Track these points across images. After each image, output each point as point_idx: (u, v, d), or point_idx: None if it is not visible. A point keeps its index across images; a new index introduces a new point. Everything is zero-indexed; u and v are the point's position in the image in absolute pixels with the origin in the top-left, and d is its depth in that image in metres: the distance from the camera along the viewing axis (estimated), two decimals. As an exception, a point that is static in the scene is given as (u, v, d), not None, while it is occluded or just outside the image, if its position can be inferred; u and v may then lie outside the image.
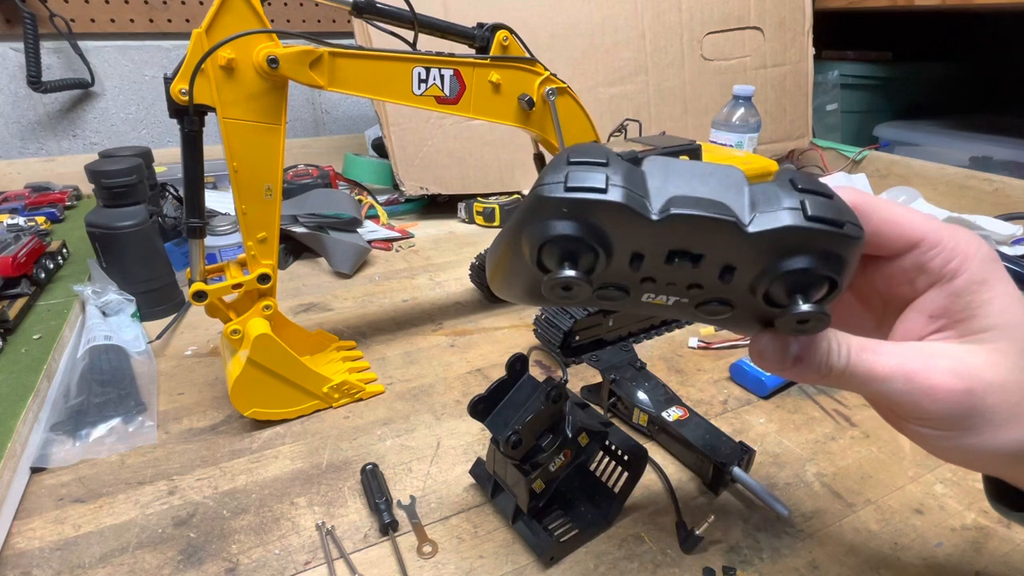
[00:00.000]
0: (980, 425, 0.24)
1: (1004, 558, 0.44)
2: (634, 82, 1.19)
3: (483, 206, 1.11)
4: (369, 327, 0.76)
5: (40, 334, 0.64)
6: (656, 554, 0.44)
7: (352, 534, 0.45)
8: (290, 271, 0.93)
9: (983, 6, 1.11)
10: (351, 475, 0.51)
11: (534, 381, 0.43)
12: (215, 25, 0.46)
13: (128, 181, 0.72)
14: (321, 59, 0.51)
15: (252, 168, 0.51)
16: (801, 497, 0.49)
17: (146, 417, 0.57)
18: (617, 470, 0.46)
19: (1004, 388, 0.23)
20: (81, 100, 1.26)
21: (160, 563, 0.43)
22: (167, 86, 0.47)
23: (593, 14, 1.13)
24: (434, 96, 0.58)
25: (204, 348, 0.70)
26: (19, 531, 0.46)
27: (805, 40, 1.32)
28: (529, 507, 0.43)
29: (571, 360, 0.67)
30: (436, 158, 1.09)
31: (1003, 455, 0.25)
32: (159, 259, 0.77)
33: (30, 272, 0.72)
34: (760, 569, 0.42)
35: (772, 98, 1.31)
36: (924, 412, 0.24)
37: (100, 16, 1.21)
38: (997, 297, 0.24)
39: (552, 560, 0.43)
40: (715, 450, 0.49)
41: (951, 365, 0.23)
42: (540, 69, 0.63)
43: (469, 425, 0.57)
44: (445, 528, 0.46)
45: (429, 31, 0.59)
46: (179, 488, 0.50)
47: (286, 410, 0.58)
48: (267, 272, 0.55)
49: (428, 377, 0.65)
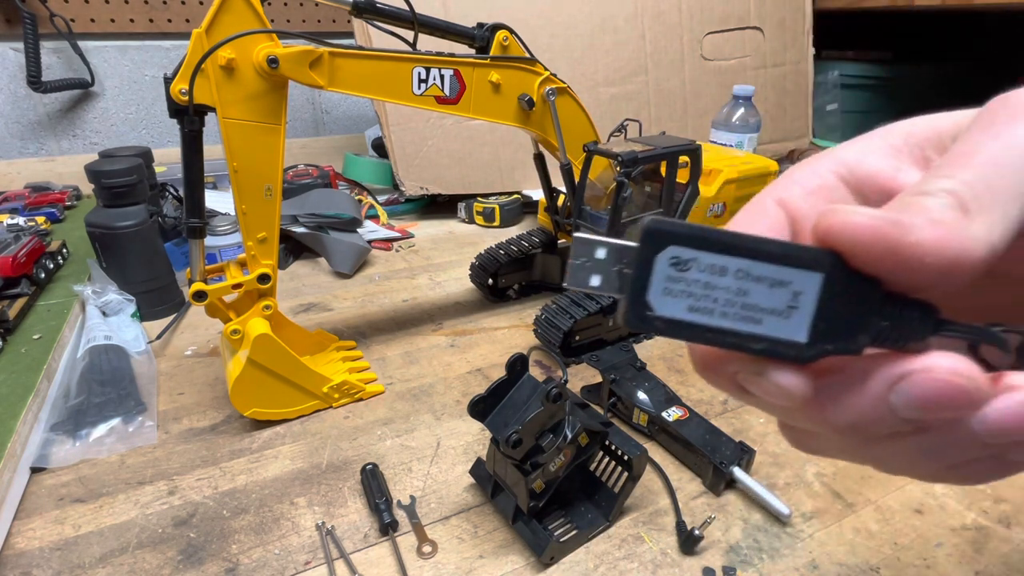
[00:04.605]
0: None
1: (1004, 558, 0.44)
2: (634, 82, 1.19)
3: (483, 206, 1.11)
4: (369, 327, 0.76)
5: (40, 334, 0.64)
6: (656, 554, 0.44)
7: (352, 534, 0.45)
8: (290, 271, 0.93)
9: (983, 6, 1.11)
10: (351, 475, 0.51)
11: (534, 381, 0.43)
12: (215, 25, 0.46)
13: (128, 181, 0.72)
14: (321, 59, 0.51)
15: (252, 168, 0.51)
16: (801, 497, 0.49)
17: (146, 417, 0.57)
18: (617, 470, 0.46)
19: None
20: (81, 100, 1.26)
21: (160, 563, 0.43)
22: (167, 86, 0.47)
23: (593, 14, 1.13)
24: (434, 96, 0.58)
25: (204, 348, 0.70)
26: (19, 531, 0.46)
27: (805, 40, 1.32)
28: (529, 507, 0.43)
29: (571, 360, 0.67)
30: (436, 158, 1.09)
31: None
32: (159, 259, 0.77)
33: (30, 272, 0.72)
34: (760, 569, 0.42)
35: (772, 98, 1.31)
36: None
37: (100, 16, 1.21)
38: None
39: (552, 560, 0.43)
40: (715, 450, 0.49)
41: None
42: (540, 69, 0.63)
43: (469, 425, 0.57)
44: (445, 528, 0.46)
45: (429, 31, 0.59)
46: (179, 488, 0.50)
47: (286, 410, 0.58)
48: (267, 272, 0.55)
49: (428, 377, 0.65)
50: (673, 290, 0.15)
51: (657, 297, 0.15)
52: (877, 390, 0.15)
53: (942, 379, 0.14)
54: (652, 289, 0.15)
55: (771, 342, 0.15)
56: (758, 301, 0.15)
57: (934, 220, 0.14)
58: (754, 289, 0.15)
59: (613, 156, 0.64)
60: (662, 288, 0.15)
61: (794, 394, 0.15)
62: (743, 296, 0.15)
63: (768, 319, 0.15)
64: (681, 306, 0.15)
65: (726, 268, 0.15)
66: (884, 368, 0.15)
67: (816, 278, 0.15)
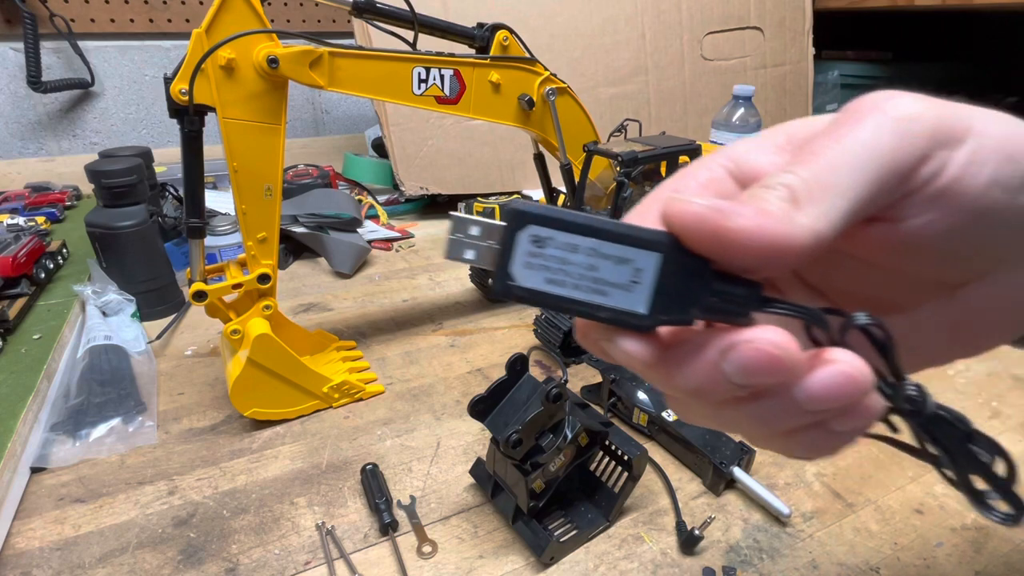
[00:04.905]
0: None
1: (1004, 558, 0.44)
2: (634, 82, 1.19)
3: (483, 206, 1.11)
4: (369, 327, 0.76)
5: (40, 334, 0.64)
6: (656, 554, 0.44)
7: (352, 534, 0.45)
8: (290, 271, 0.93)
9: (983, 6, 1.11)
10: (351, 475, 0.51)
11: (534, 381, 0.43)
12: (215, 25, 0.46)
13: (128, 181, 0.72)
14: (321, 59, 0.51)
15: (252, 168, 0.51)
16: (801, 497, 0.49)
17: (146, 417, 0.57)
18: (617, 470, 0.46)
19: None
20: (81, 100, 1.26)
21: (160, 563, 0.43)
22: (167, 86, 0.47)
23: (593, 14, 1.13)
24: (434, 96, 0.58)
25: (204, 348, 0.70)
26: (19, 531, 0.46)
27: (805, 40, 1.32)
28: (529, 507, 0.43)
29: (571, 360, 0.67)
30: (436, 158, 1.09)
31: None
32: (159, 259, 0.77)
33: (30, 272, 0.72)
34: (760, 569, 0.42)
35: (772, 98, 1.31)
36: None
37: (100, 16, 1.21)
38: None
39: (552, 560, 0.43)
40: (715, 450, 0.49)
41: None
42: (540, 69, 0.63)
43: (469, 425, 0.57)
44: (445, 528, 0.46)
45: (429, 31, 0.59)
46: (179, 488, 0.50)
47: (286, 410, 0.58)
48: (267, 272, 0.55)
49: (428, 377, 0.65)
50: (533, 264, 0.17)
51: (519, 270, 0.17)
52: (712, 357, 0.17)
53: (762, 349, 0.16)
54: (515, 263, 0.17)
55: (616, 312, 0.17)
56: (605, 276, 0.17)
57: (761, 209, 0.16)
58: (602, 265, 0.17)
59: (613, 156, 0.64)
60: (523, 262, 0.17)
61: (638, 358, 0.17)
62: (593, 271, 0.17)
63: (614, 292, 0.17)
64: (539, 278, 0.17)
65: (578, 246, 0.17)
66: (718, 338, 0.17)
67: (655, 257, 0.16)
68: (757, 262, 0.16)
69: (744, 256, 0.16)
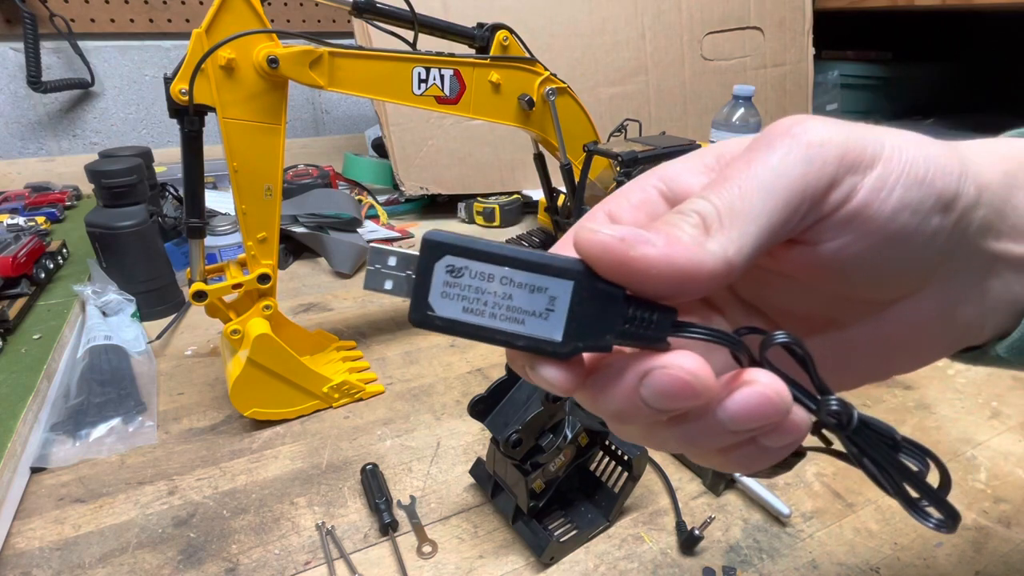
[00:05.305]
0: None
1: (1004, 558, 0.44)
2: (634, 82, 1.19)
3: (483, 206, 1.11)
4: (369, 327, 0.76)
5: (40, 334, 0.64)
6: (656, 554, 0.44)
7: (352, 534, 0.45)
8: (290, 271, 0.93)
9: (983, 6, 1.11)
10: (351, 475, 0.51)
11: (534, 381, 0.43)
12: (215, 25, 0.46)
13: (128, 181, 0.72)
14: (321, 59, 0.51)
15: (252, 168, 0.51)
16: (801, 497, 0.49)
17: (146, 417, 0.57)
18: (617, 470, 0.46)
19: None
20: (81, 100, 1.26)
21: (160, 563, 0.43)
22: (167, 86, 0.47)
23: (593, 14, 1.13)
24: (434, 96, 0.58)
25: (204, 348, 0.70)
26: (19, 531, 0.46)
27: (805, 40, 1.32)
28: (529, 507, 0.43)
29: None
30: (436, 158, 1.09)
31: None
32: (159, 259, 0.77)
33: (30, 272, 0.72)
34: (760, 569, 0.42)
35: (772, 98, 1.31)
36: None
37: (100, 16, 1.21)
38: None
39: (552, 560, 0.43)
40: (715, 450, 0.49)
41: None
42: (540, 69, 0.63)
43: (469, 425, 0.57)
44: (445, 528, 0.46)
45: (429, 31, 0.59)
46: (179, 488, 0.50)
47: (286, 410, 0.58)
48: (267, 272, 0.55)
49: (428, 377, 0.65)
50: (450, 293, 0.17)
51: (436, 299, 0.17)
52: (630, 382, 0.16)
53: (675, 376, 0.16)
54: (432, 292, 0.17)
55: (532, 340, 0.17)
56: (521, 304, 0.17)
57: (672, 237, 0.16)
58: (517, 294, 0.17)
59: (613, 156, 0.64)
60: (440, 292, 0.17)
61: (557, 385, 0.17)
62: (508, 300, 0.17)
63: (529, 320, 0.17)
64: (457, 308, 0.17)
65: (493, 275, 0.16)
66: (636, 364, 0.16)
67: (568, 285, 0.16)
68: (668, 289, 0.16)
69: (654, 284, 0.16)
